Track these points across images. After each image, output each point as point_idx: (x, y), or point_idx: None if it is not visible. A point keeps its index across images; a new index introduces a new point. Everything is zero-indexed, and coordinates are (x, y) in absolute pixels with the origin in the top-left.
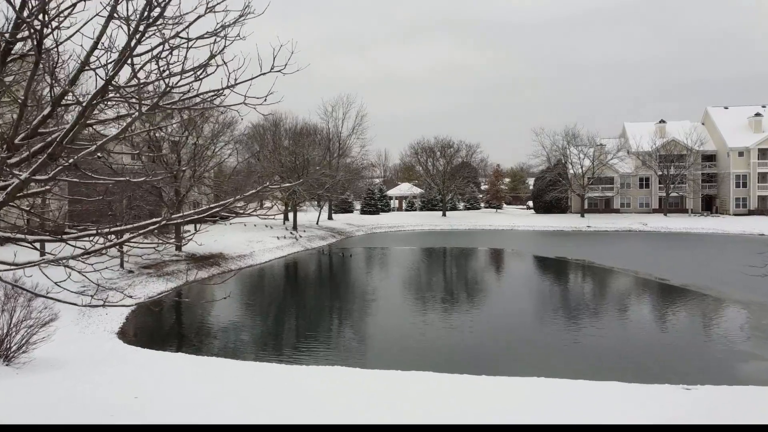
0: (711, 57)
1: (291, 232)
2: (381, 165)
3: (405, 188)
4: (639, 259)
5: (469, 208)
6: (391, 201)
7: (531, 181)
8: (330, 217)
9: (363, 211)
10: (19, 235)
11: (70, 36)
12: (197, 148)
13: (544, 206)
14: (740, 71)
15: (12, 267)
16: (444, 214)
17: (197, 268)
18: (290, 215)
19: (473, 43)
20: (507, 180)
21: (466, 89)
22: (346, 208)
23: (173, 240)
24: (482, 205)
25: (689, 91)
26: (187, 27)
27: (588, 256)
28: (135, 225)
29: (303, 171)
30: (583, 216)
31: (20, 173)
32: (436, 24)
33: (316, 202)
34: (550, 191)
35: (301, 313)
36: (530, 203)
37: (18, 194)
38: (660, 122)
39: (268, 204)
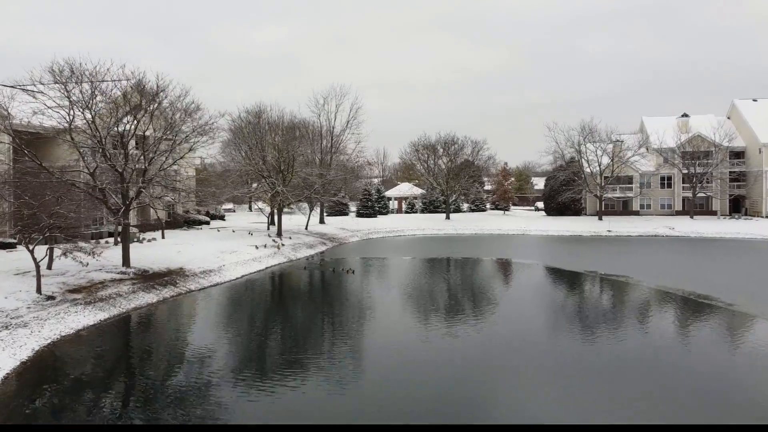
0: (722, 51)
1: (273, 240)
2: (379, 163)
3: (405, 189)
4: (689, 275)
5: (473, 210)
6: (390, 202)
7: (536, 181)
8: (322, 221)
9: (359, 214)
10: None
11: None
12: (147, 141)
13: (557, 208)
14: (754, 63)
15: None
16: (447, 217)
17: (145, 290)
18: (276, 219)
19: (475, 43)
20: (512, 179)
21: (467, 88)
22: (342, 211)
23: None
24: (488, 206)
25: (703, 85)
26: None
27: (623, 270)
28: None
29: (288, 170)
30: (601, 219)
31: None
32: (438, 23)
33: (305, 205)
34: (563, 192)
35: (254, 365)
36: (538, 204)
37: None
38: (682, 116)
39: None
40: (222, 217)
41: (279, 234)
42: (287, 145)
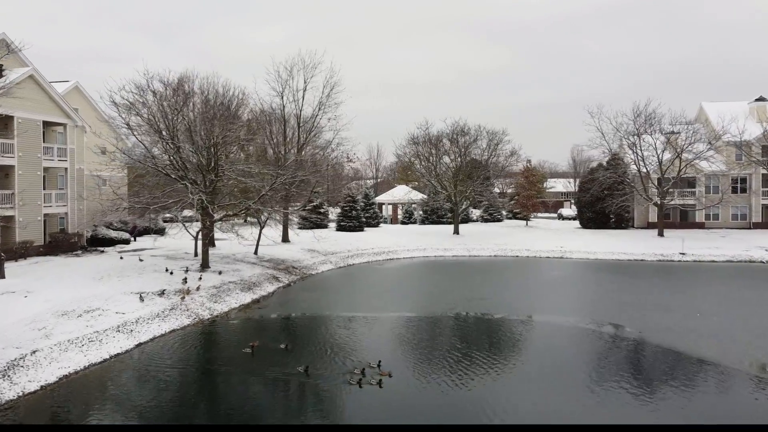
0: (728, 46)
1: (185, 279)
2: (372, 162)
3: (401, 192)
4: None
5: (487, 220)
6: (383, 208)
7: (552, 183)
8: (285, 239)
9: (340, 227)
10: None
11: None
12: None
13: (595, 219)
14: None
15: None
16: (456, 231)
17: None
18: (218, 240)
19: (475, 42)
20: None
21: (467, 88)
22: (320, 222)
23: None
24: (504, 214)
25: (717, 80)
26: None
27: None
28: None
29: (214, 168)
30: (661, 234)
31: None
32: (438, 23)
33: (278, 215)
34: (606, 198)
35: None
36: (562, 211)
37: None
38: (758, 100)
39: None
40: (161, 231)
41: (204, 265)
42: (209, 126)
